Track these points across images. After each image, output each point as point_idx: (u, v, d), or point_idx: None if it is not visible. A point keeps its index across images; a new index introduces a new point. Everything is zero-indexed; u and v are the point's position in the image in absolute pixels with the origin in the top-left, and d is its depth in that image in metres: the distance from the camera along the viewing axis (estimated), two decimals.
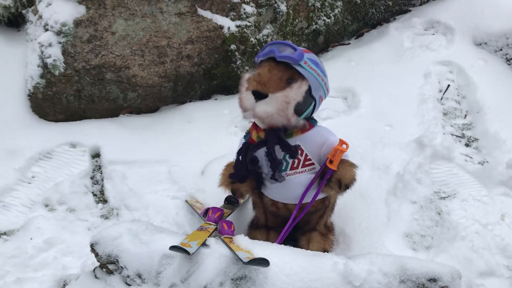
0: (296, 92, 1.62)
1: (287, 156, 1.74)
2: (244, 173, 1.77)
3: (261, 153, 1.75)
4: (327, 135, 1.78)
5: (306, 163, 1.77)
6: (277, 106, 1.61)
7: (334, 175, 1.71)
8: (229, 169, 1.85)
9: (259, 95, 1.62)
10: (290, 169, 1.77)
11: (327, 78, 1.77)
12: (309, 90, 1.67)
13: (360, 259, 1.56)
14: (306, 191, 1.77)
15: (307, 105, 1.69)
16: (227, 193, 1.90)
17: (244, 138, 1.85)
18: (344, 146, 1.70)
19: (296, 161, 1.76)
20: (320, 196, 1.81)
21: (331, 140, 1.75)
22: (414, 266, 1.54)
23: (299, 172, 1.78)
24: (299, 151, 1.74)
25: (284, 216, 1.87)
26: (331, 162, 1.70)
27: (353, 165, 1.75)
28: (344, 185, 1.72)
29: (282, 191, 1.81)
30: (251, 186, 1.85)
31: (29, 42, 2.90)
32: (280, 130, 1.70)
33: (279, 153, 1.72)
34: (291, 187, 1.79)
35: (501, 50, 3.19)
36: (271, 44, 1.71)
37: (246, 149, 1.75)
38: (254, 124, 1.80)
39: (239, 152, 1.78)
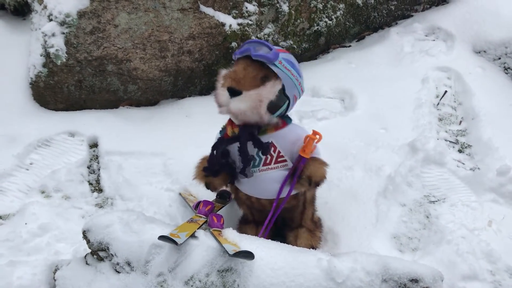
0: (269, 91, 1.67)
1: (260, 152, 1.77)
2: (216, 167, 1.82)
3: (235, 148, 1.78)
4: (300, 132, 1.82)
5: (279, 159, 1.81)
6: (250, 104, 1.65)
7: (305, 172, 1.75)
8: (204, 163, 1.89)
9: (234, 92, 1.66)
10: (263, 165, 1.81)
11: (302, 79, 1.81)
12: (283, 89, 1.71)
13: (344, 257, 1.59)
14: (282, 187, 1.80)
15: (281, 103, 1.73)
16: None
17: (219, 133, 1.90)
18: (318, 136, 1.74)
19: (269, 157, 1.80)
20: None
21: (303, 138, 1.77)
22: (397, 266, 1.57)
23: (272, 168, 1.81)
24: (272, 148, 1.78)
25: (264, 211, 1.90)
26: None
27: (323, 163, 1.79)
28: (314, 183, 1.76)
29: (255, 186, 1.85)
30: (224, 180, 1.89)
31: (33, 31, 2.94)
32: (253, 127, 1.74)
33: (252, 149, 1.76)
34: (264, 183, 1.82)
35: (499, 58, 3.22)
36: (248, 43, 1.75)
37: (220, 144, 1.80)
38: (230, 120, 1.84)
39: (213, 147, 1.83)
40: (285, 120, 1.83)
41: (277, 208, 1.83)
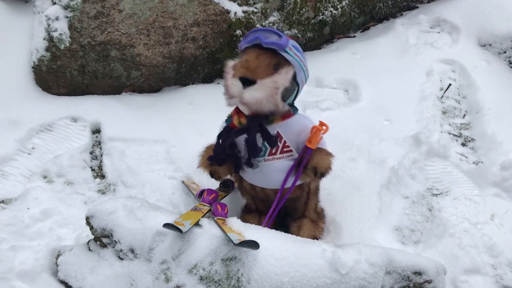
0: (284, 78, 1.66)
1: (265, 142, 1.76)
2: (223, 157, 1.81)
3: (240, 138, 1.77)
4: (306, 123, 1.81)
5: (284, 149, 1.80)
6: (266, 92, 1.63)
7: (310, 162, 1.74)
8: (209, 151, 1.88)
9: (247, 82, 1.64)
10: (269, 155, 1.80)
11: (307, 64, 1.81)
12: (294, 76, 1.71)
13: (348, 248, 1.59)
14: (287, 177, 1.79)
15: (292, 90, 1.73)
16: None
17: (225, 122, 1.88)
18: (324, 127, 1.73)
19: (275, 147, 1.79)
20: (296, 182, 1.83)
21: (310, 128, 1.76)
22: (400, 259, 1.57)
23: (277, 158, 1.81)
24: (278, 138, 1.77)
25: (268, 201, 1.90)
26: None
27: (329, 154, 1.78)
28: (319, 173, 1.75)
29: (260, 176, 1.84)
30: (229, 169, 1.89)
31: (36, 14, 2.90)
32: (262, 117, 1.73)
33: (258, 138, 1.75)
34: (269, 173, 1.82)
35: (505, 52, 3.20)
36: (255, 31, 1.72)
37: (227, 133, 1.78)
38: (237, 109, 1.82)
39: (219, 136, 1.82)
40: (292, 109, 1.82)
41: (281, 198, 1.83)
